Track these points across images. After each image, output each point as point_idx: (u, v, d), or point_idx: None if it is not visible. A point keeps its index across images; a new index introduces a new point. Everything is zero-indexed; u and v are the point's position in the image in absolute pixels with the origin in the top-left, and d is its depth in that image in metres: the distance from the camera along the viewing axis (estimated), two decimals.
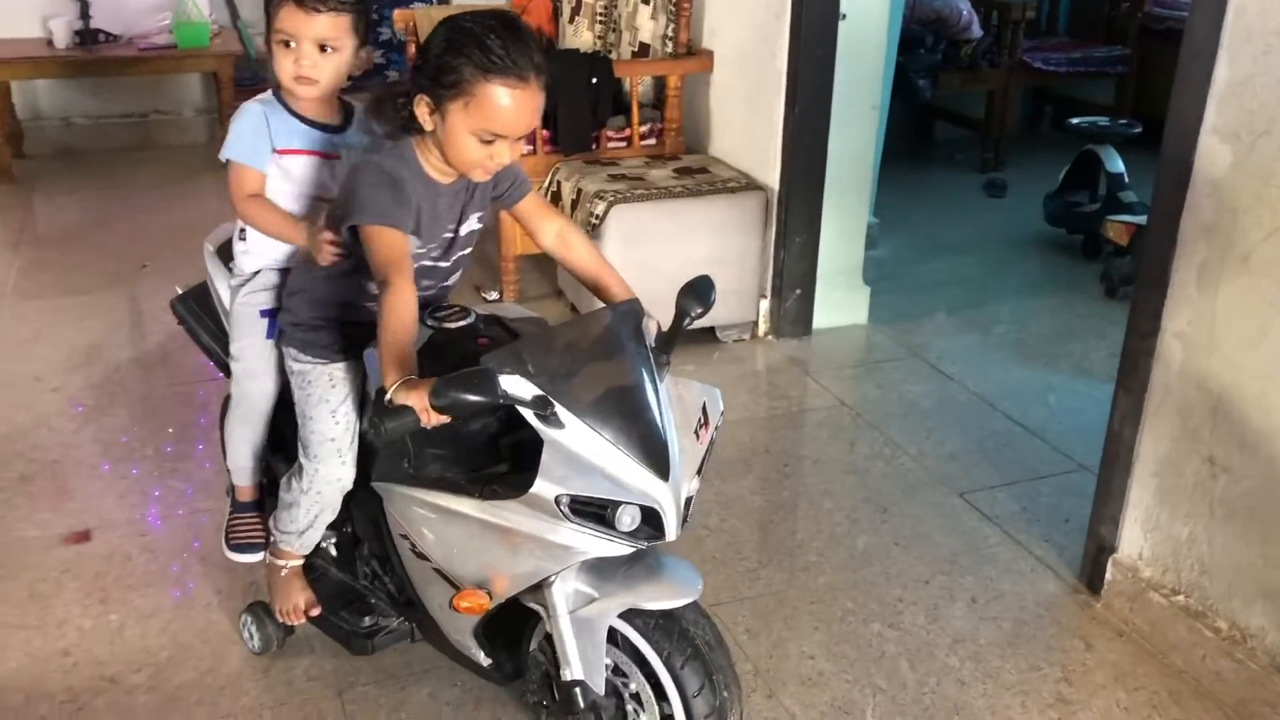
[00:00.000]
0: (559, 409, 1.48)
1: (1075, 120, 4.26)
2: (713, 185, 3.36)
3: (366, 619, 1.98)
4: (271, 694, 2.03)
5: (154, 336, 3.36)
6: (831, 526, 2.57)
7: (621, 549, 1.54)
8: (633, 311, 1.67)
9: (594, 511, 1.50)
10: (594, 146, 3.61)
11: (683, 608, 1.61)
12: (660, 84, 3.71)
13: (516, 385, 1.47)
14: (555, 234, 1.86)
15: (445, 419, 1.50)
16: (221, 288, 2.07)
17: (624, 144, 3.67)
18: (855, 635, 2.20)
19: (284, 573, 2.00)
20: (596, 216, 3.21)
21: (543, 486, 1.49)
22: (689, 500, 1.59)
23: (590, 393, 1.53)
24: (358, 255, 1.70)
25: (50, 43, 4.94)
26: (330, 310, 1.83)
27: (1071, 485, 2.68)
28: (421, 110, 1.62)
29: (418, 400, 1.48)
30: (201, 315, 2.14)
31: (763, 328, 3.51)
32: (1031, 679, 2.10)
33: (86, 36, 4.97)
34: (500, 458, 1.66)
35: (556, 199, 3.51)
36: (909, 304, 3.79)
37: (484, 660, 1.79)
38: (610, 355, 1.62)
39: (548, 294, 3.72)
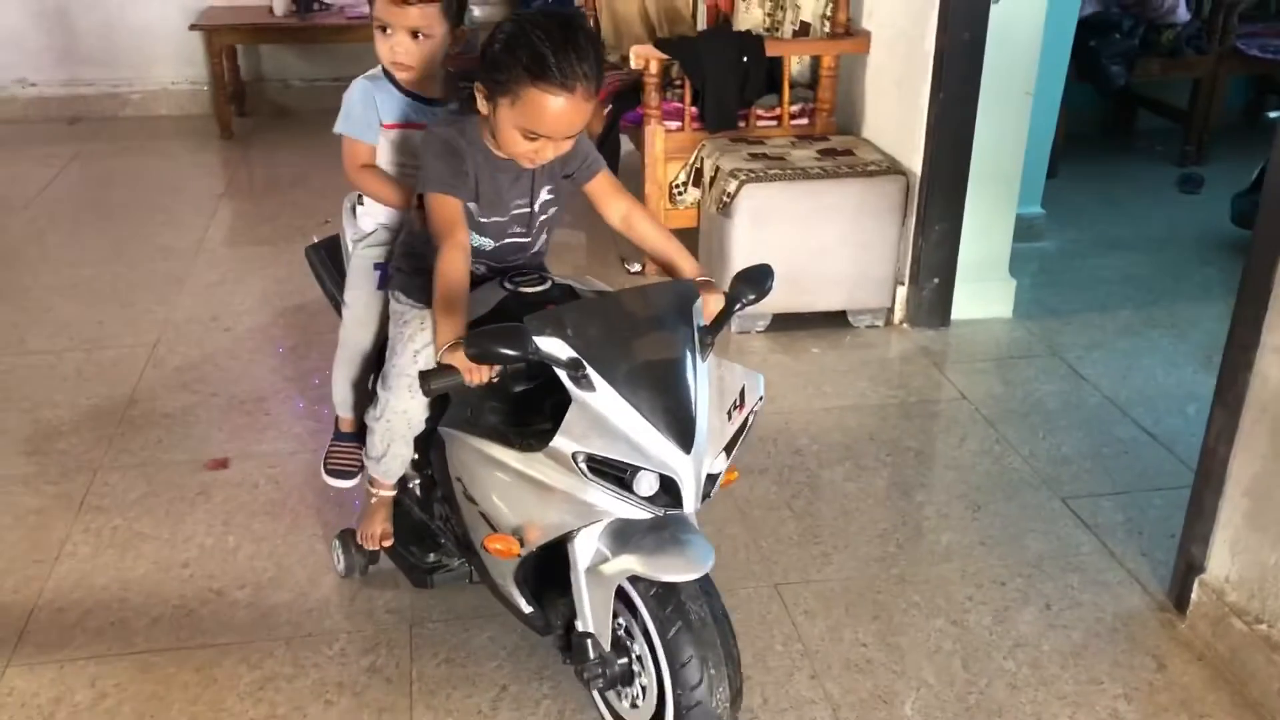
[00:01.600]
0: (590, 372, 1.56)
1: (1275, 114, 3.96)
2: (853, 168, 3.33)
3: (431, 556, 2.14)
4: (351, 620, 2.21)
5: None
6: (919, 520, 2.54)
7: (640, 513, 1.61)
8: (685, 290, 1.73)
9: (614, 474, 1.57)
10: (743, 125, 3.64)
11: (684, 583, 1.66)
12: (816, 63, 3.70)
13: (553, 345, 1.56)
14: (621, 215, 1.93)
15: (489, 377, 1.62)
16: (349, 240, 2.26)
17: (774, 123, 3.68)
18: (914, 628, 2.19)
19: (374, 500, 2.17)
20: (728, 195, 3.25)
21: (562, 442, 1.58)
22: (712, 477, 1.63)
23: (626, 362, 1.60)
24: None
25: (272, 10, 5.36)
26: (431, 262, 1.97)
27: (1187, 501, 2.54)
28: (479, 96, 1.74)
29: (461, 361, 1.60)
30: (329, 263, 2.35)
31: (898, 315, 3.47)
32: (1089, 691, 2.03)
33: (302, 5, 5.36)
34: (547, 416, 1.76)
35: (699, 176, 3.56)
36: (1063, 300, 3.64)
37: (525, 607, 1.89)
38: (653, 329, 1.68)
39: None
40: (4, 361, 3.23)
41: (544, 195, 1.92)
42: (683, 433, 1.57)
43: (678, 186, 3.67)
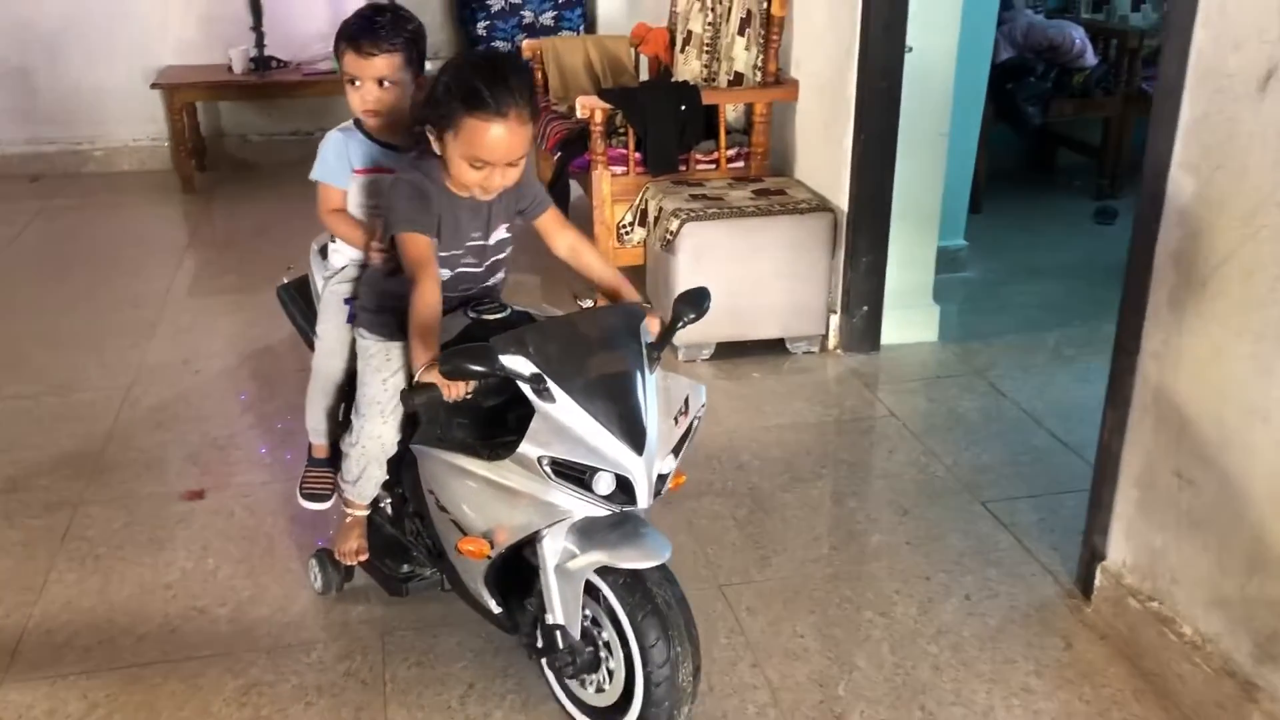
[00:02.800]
0: (551, 385, 1.77)
1: None
2: (785, 206, 3.58)
3: (405, 566, 2.32)
4: (327, 631, 2.38)
5: (286, 327, 3.79)
6: (850, 524, 2.76)
7: (600, 511, 1.81)
8: (633, 312, 1.95)
9: (575, 476, 1.78)
10: (683, 168, 3.89)
11: (649, 570, 1.85)
12: (750, 110, 3.96)
13: (516, 363, 1.76)
14: (568, 246, 2.15)
15: (464, 393, 1.82)
16: (318, 279, 2.45)
17: (713, 166, 3.93)
18: (846, 620, 2.40)
19: (348, 519, 2.34)
20: (670, 233, 3.48)
21: (528, 448, 1.78)
22: (663, 476, 1.84)
23: (582, 375, 1.81)
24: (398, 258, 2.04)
25: (230, 68, 5.56)
26: (390, 299, 2.16)
27: None
28: (431, 137, 1.95)
29: (439, 379, 1.80)
30: (299, 301, 2.54)
31: (832, 341, 3.70)
32: (1004, 670, 2.25)
33: (260, 63, 5.57)
34: (510, 429, 1.96)
35: (644, 216, 3.80)
36: (985, 325, 3.90)
37: (495, 607, 2.08)
38: (606, 346, 1.89)
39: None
40: None
41: (501, 233, 2.13)
42: (635, 436, 1.78)
43: (624, 226, 3.90)
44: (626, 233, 3.91)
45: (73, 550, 2.66)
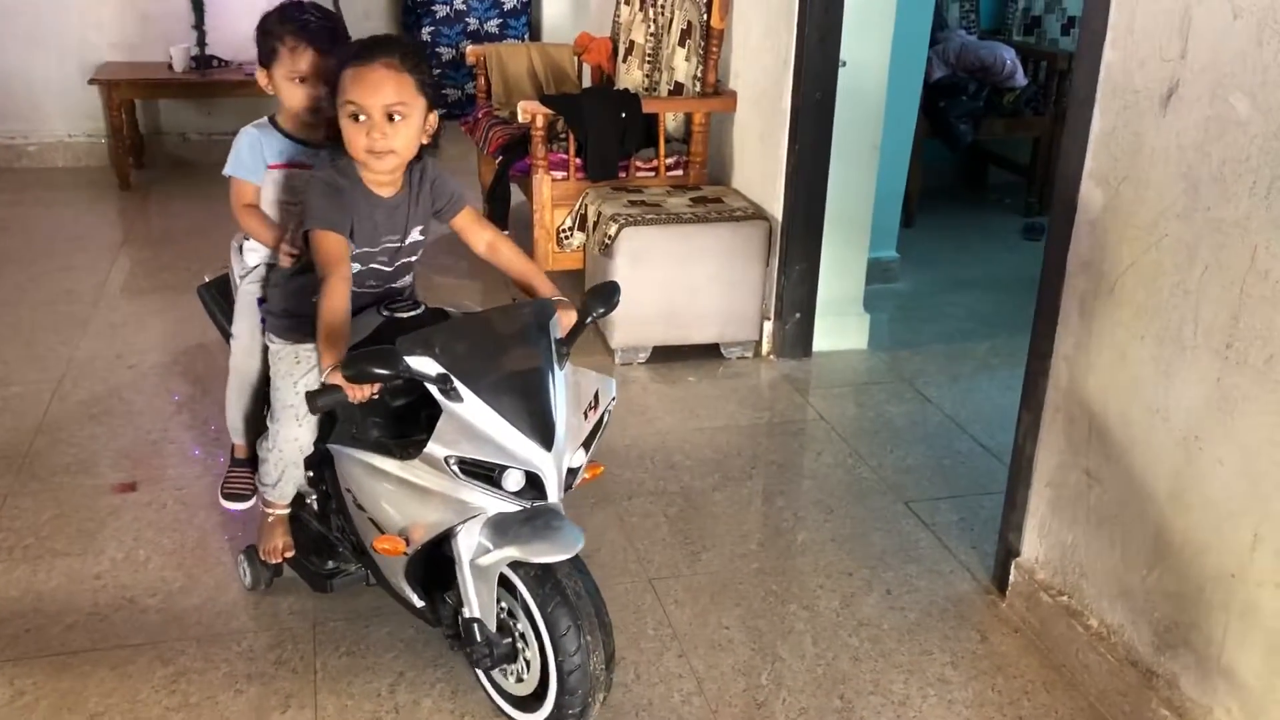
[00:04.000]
0: (458, 385, 1.80)
1: None
2: (721, 214, 3.65)
3: (330, 563, 2.33)
4: (257, 621, 2.39)
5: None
6: (778, 522, 2.83)
7: (511, 507, 1.85)
8: (542, 308, 1.98)
9: (484, 474, 1.81)
10: (623, 174, 3.95)
11: (559, 563, 1.88)
12: (689, 120, 4.03)
13: (422, 363, 1.79)
14: (486, 243, 2.19)
15: (369, 394, 1.84)
16: (236, 277, 2.47)
17: (652, 173, 4.00)
18: (770, 613, 2.46)
19: (270, 519, 2.36)
20: (609, 237, 3.54)
21: (434, 448, 1.81)
22: (573, 470, 1.88)
23: (490, 373, 1.83)
24: (310, 257, 2.05)
25: (170, 66, 5.53)
26: (298, 301, 2.17)
27: None
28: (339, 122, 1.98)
29: (343, 381, 1.82)
30: (220, 300, 2.54)
31: (765, 347, 3.78)
32: (921, 661, 2.33)
33: (201, 62, 5.55)
34: (423, 428, 1.99)
35: (584, 221, 3.85)
36: (913, 334, 4.01)
37: (417, 601, 2.11)
38: (514, 343, 1.92)
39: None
40: None
41: (414, 235, 2.16)
42: (544, 432, 1.81)
43: (564, 231, 3.95)
44: (566, 237, 3.96)
45: None
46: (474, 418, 1.80)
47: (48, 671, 2.23)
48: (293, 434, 2.17)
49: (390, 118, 1.94)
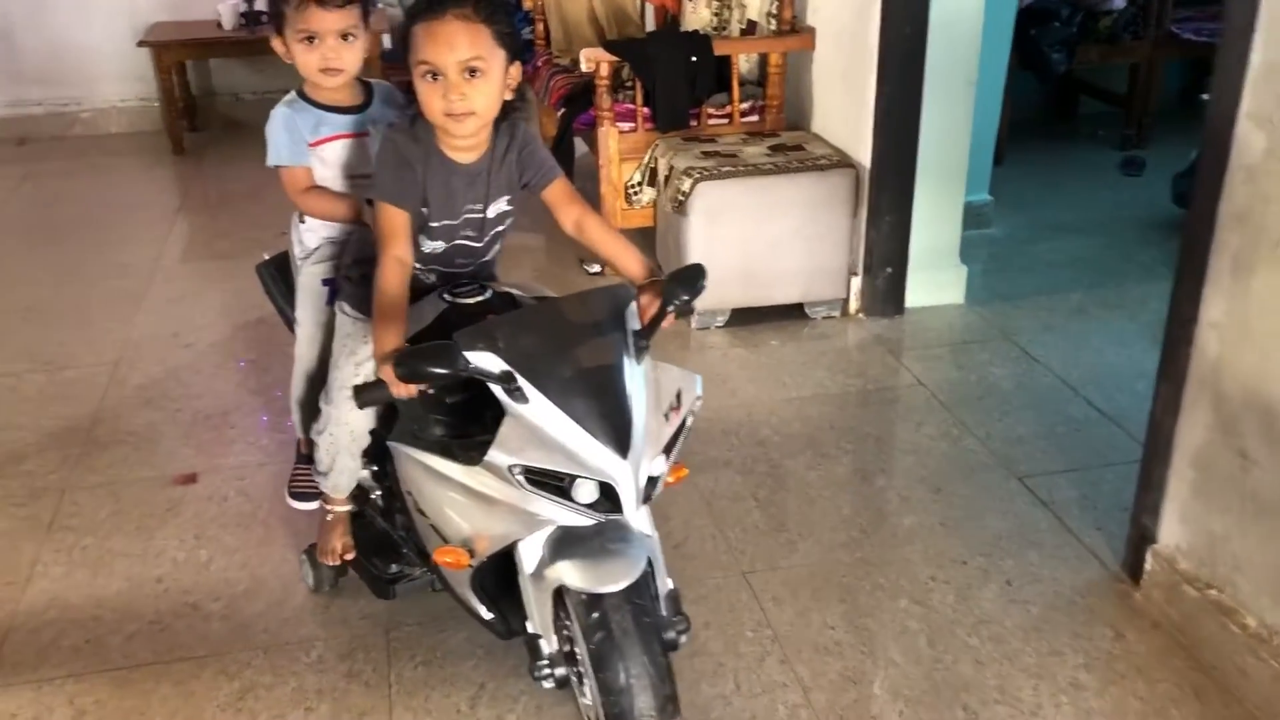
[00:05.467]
0: (523, 384, 1.59)
1: (1208, 96, 4.06)
2: (803, 163, 3.39)
3: (394, 566, 2.15)
4: (326, 628, 2.23)
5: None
6: (880, 504, 2.60)
7: (583, 520, 1.64)
8: (618, 295, 1.75)
9: (554, 483, 1.60)
10: (694, 123, 3.69)
11: (609, 593, 1.65)
12: (764, 61, 3.76)
13: (484, 360, 1.59)
14: (574, 220, 1.97)
15: (415, 391, 1.64)
16: (296, 254, 2.28)
17: (725, 121, 3.74)
18: (879, 610, 2.25)
19: (329, 517, 2.19)
20: (683, 193, 3.30)
21: (496, 455, 1.61)
22: (653, 479, 1.66)
23: (559, 371, 1.62)
24: None
25: (219, 24, 5.35)
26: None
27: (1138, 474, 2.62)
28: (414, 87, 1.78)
29: (389, 373, 1.62)
30: (279, 280, 2.36)
31: (853, 305, 3.53)
32: (1050, 663, 2.10)
33: (250, 18, 5.35)
34: (488, 427, 1.79)
35: (654, 175, 3.61)
36: (1013, 285, 3.73)
37: (485, 613, 1.91)
38: (586, 336, 1.71)
39: None
40: None
41: (502, 205, 1.95)
42: (619, 437, 1.59)
43: (633, 187, 3.72)
44: (635, 193, 3.73)
45: (59, 540, 2.52)
46: (541, 421, 1.60)
47: (109, 688, 2.09)
48: (345, 419, 2.00)
49: (468, 74, 1.74)
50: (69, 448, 2.88)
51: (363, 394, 1.68)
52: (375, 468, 2.13)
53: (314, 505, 2.33)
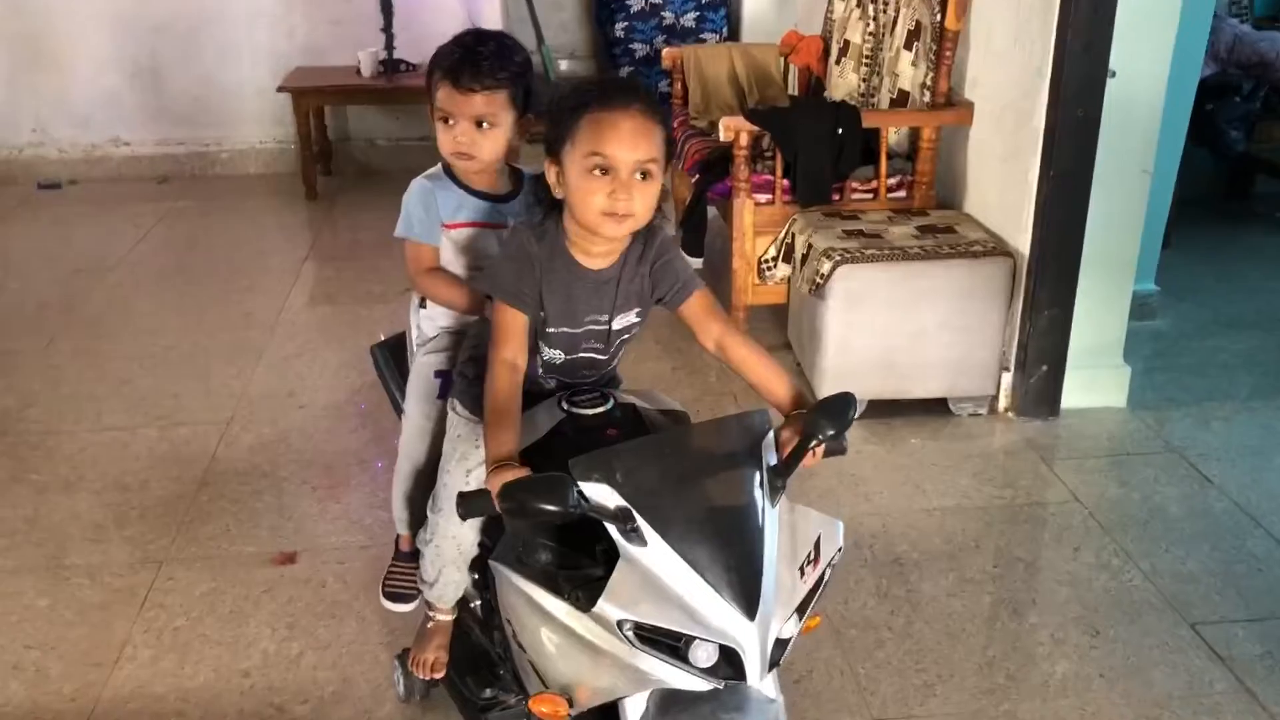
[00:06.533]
0: (642, 525, 1.40)
1: None
2: (955, 248, 3.14)
3: (487, 691, 1.96)
4: None
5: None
6: (1031, 645, 2.33)
7: (699, 684, 1.43)
8: (754, 424, 1.55)
9: (667, 642, 1.40)
10: (836, 198, 3.48)
11: None
12: (914, 134, 3.52)
13: (600, 493, 1.40)
14: (714, 339, 1.76)
15: None
16: (414, 340, 2.14)
17: (871, 196, 3.51)
18: None
19: (429, 625, 2.03)
20: (821, 275, 3.08)
21: (607, 608, 1.41)
22: (783, 641, 1.45)
23: (683, 511, 1.43)
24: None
25: (358, 71, 5.35)
26: None
27: None
28: (551, 176, 1.63)
29: (496, 483, 1.45)
30: (393, 365, 2.23)
31: (1003, 403, 3.25)
32: None
33: (389, 66, 5.34)
34: (599, 558, 1.60)
35: (790, 252, 3.40)
36: (1181, 388, 3.40)
37: None
38: (716, 470, 1.51)
39: (775, 345, 3.58)
40: (80, 438, 3.18)
41: (630, 317, 1.77)
42: (747, 596, 1.39)
43: (766, 262, 3.52)
44: (768, 268, 3.52)
45: (150, 619, 2.42)
46: (660, 569, 1.40)
47: None
48: (453, 530, 1.84)
49: (640, 176, 1.59)
50: (173, 514, 2.80)
51: (467, 504, 1.50)
52: (477, 575, 1.96)
53: (409, 607, 2.17)
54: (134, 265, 4.57)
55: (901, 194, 3.52)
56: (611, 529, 1.42)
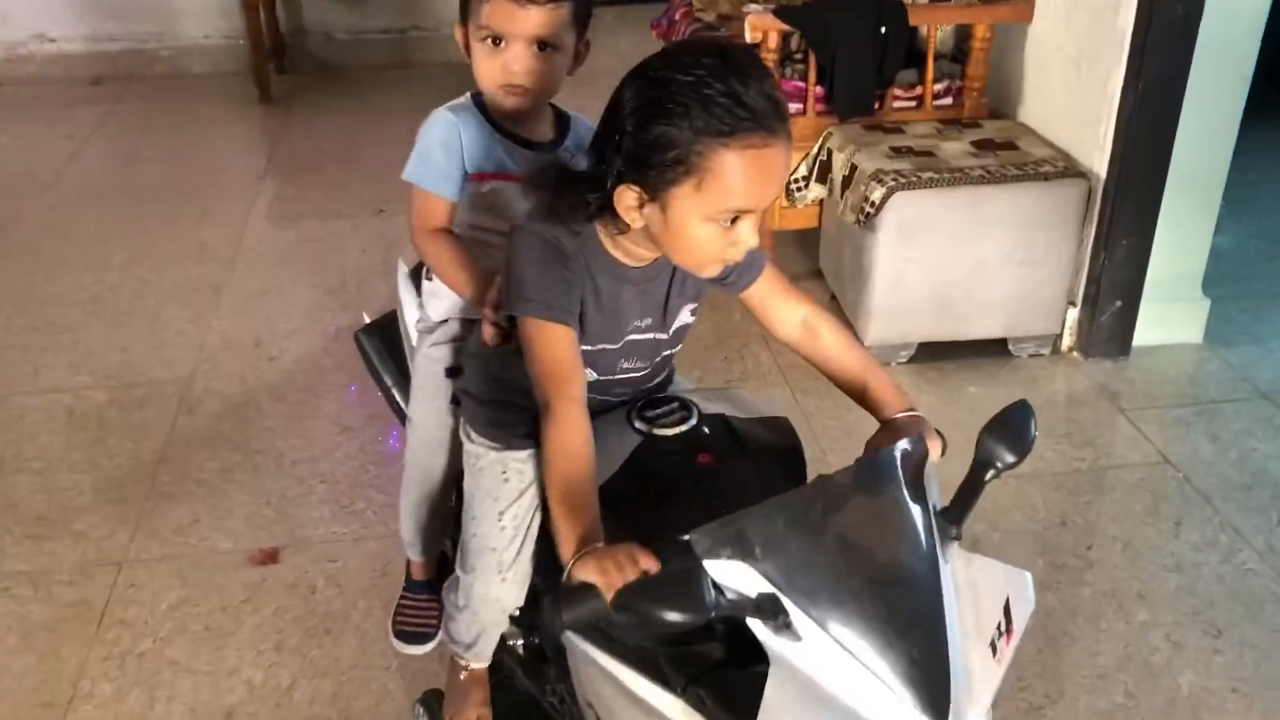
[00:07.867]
0: (796, 615, 1.03)
1: None
2: (1020, 168, 2.73)
3: None
4: None
5: (381, 296, 3.09)
6: (1147, 650, 2.01)
7: None
8: (911, 456, 1.17)
9: None
10: (877, 106, 3.05)
11: None
12: (963, 33, 3.08)
13: (734, 575, 1.03)
14: (800, 324, 1.38)
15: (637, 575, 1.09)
16: (410, 321, 1.72)
17: (914, 104, 3.09)
18: None
19: (463, 675, 1.65)
20: (871, 204, 2.67)
21: None
22: None
23: (839, 587, 1.05)
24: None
25: None
26: (508, 389, 1.43)
27: None
28: (627, 203, 1.17)
29: (602, 578, 1.07)
30: (387, 356, 1.80)
31: (1067, 341, 2.89)
32: None
33: None
34: (716, 637, 1.23)
35: (825, 171, 2.98)
36: (1258, 319, 3.06)
37: None
38: (875, 526, 1.13)
39: (802, 274, 3.19)
40: (15, 403, 2.75)
41: (683, 317, 1.38)
42: (934, 692, 1.02)
43: (796, 182, 3.09)
44: (799, 188, 3.10)
45: (111, 642, 2.05)
46: (821, 671, 1.03)
47: None
48: (493, 592, 1.45)
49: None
50: (130, 500, 2.40)
51: (573, 608, 1.07)
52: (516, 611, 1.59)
53: (427, 648, 1.79)
54: (70, 182, 4.05)
55: (948, 101, 3.10)
56: (756, 626, 1.04)
